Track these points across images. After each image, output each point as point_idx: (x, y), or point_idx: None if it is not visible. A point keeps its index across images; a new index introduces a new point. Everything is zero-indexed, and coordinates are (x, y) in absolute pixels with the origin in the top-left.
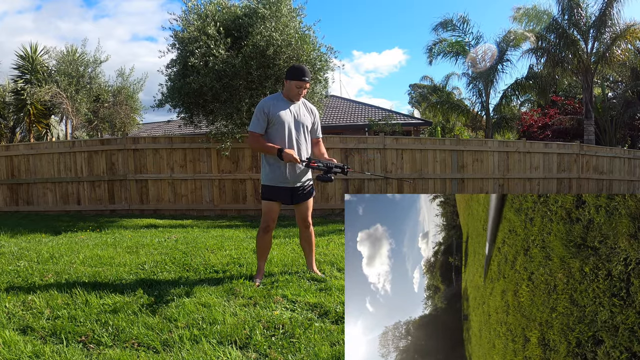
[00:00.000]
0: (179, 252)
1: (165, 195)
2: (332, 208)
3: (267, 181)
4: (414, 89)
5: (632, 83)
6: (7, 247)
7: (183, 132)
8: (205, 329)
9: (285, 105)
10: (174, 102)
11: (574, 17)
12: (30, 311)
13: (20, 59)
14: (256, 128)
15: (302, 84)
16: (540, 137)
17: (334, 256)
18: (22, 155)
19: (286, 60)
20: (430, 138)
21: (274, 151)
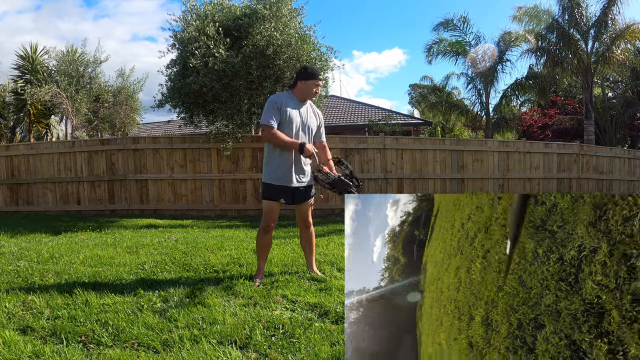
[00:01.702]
0: (179, 252)
1: (165, 195)
2: (332, 208)
3: (270, 180)
4: (413, 89)
5: (632, 83)
6: (7, 247)
7: (183, 132)
8: (205, 329)
9: (296, 105)
10: (174, 102)
11: (574, 16)
12: (30, 311)
13: (20, 59)
14: (271, 121)
15: (318, 82)
16: (540, 137)
17: (334, 256)
18: (22, 155)
19: (286, 60)
20: (430, 138)
21: (295, 145)
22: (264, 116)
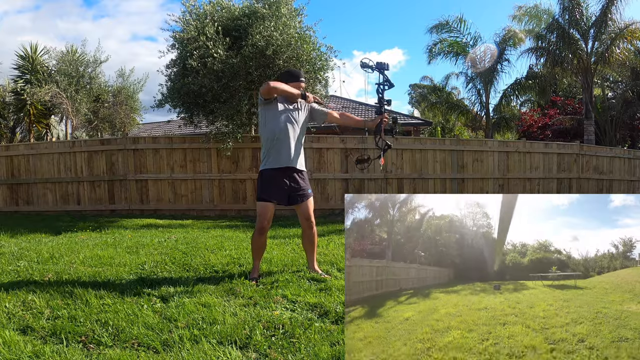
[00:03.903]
0: (179, 252)
1: (165, 195)
2: (332, 208)
3: (267, 165)
4: (413, 89)
5: (632, 83)
6: (7, 247)
7: (183, 132)
8: (205, 329)
9: (284, 103)
10: (174, 102)
11: (574, 16)
12: (30, 311)
13: (20, 59)
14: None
15: (300, 84)
16: (540, 137)
17: (334, 256)
18: (22, 155)
19: (286, 60)
20: (430, 138)
21: (297, 93)
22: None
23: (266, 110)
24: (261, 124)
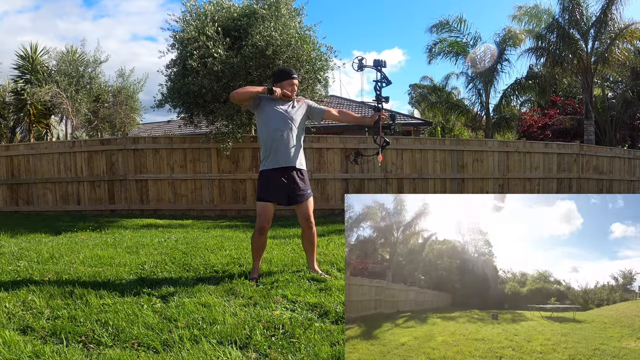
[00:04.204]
0: (179, 252)
1: (165, 195)
2: (332, 208)
3: (267, 165)
4: (413, 89)
5: (632, 83)
6: (7, 247)
7: (183, 132)
8: (205, 329)
9: (277, 104)
10: (174, 102)
11: (574, 16)
12: (30, 311)
13: (20, 59)
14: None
15: (293, 81)
16: (540, 137)
17: (334, 256)
18: (22, 155)
19: (286, 60)
20: (430, 138)
21: (261, 89)
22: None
23: (260, 113)
24: (258, 126)
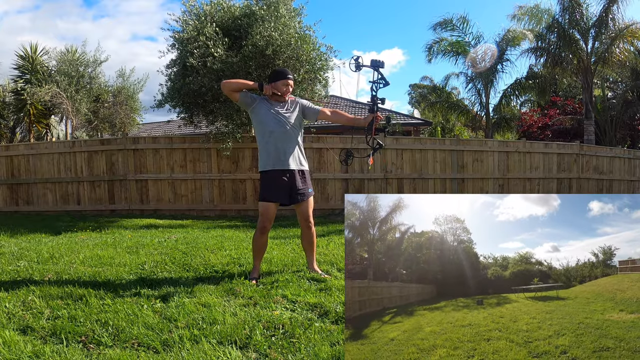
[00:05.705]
0: (179, 252)
1: (165, 195)
2: (332, 208)
3: (265, 167)
4: (413, 89)
5: (632, 83)
6: (7, 247)
7: (183, 132)
8: (205, 329)
9: (272, 106)
10: (174, 102)
11: (574, 16)
12: (30, 311)
13: (20, 59)
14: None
15: (287, 81)
16: (540, 137)
17: (334, 256)
18: (22, 155)
19: (286, 60)
20: (430, 138)
21: (252, 83)
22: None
23: (254, 114)
24: (254, 127)
